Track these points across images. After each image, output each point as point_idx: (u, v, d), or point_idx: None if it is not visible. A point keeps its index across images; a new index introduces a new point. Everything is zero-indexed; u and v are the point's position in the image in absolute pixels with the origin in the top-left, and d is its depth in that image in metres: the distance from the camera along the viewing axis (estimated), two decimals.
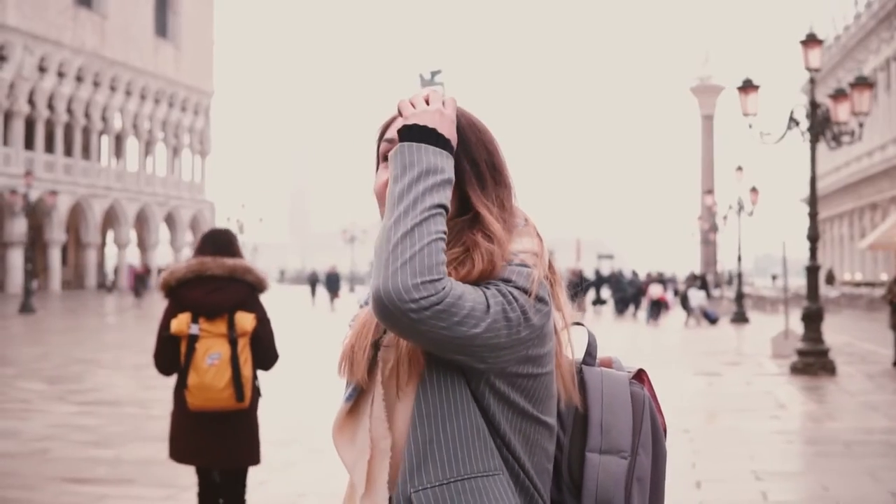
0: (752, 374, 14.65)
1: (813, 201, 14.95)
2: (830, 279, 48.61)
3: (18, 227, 48.22)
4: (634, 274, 36.76)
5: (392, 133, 1.62)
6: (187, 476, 7.06)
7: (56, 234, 51.79)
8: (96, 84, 56.62)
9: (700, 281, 36.25)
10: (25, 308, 30.81)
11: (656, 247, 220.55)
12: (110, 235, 61.38)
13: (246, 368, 4.31)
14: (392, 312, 1.39)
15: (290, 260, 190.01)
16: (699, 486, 6.82)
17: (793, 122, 14.93)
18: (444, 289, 1.40)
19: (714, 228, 50.19)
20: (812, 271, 15.03)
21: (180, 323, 4.30)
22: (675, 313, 32.35)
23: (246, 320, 4.37)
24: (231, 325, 4.35)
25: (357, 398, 1.59)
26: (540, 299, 1.52)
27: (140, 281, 35.40)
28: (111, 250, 62.56)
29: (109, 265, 63.68)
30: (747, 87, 15.07)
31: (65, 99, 53.90)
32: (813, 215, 14.91)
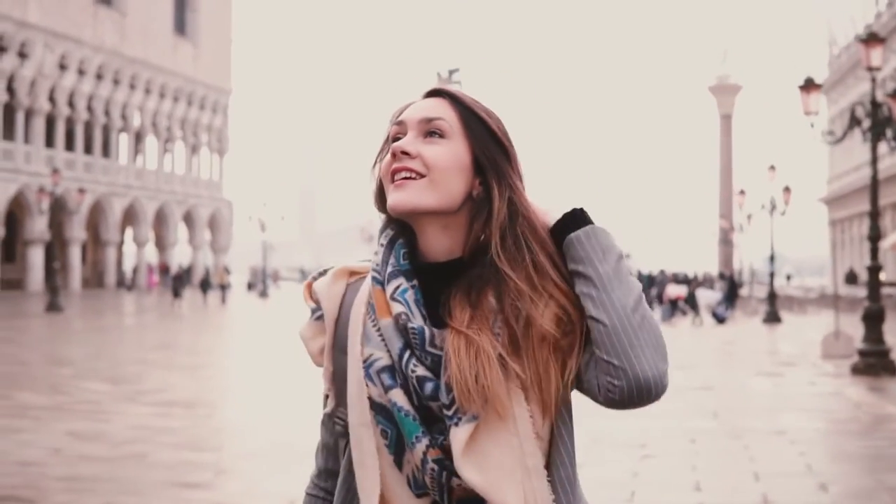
0: (812, 374, 14.49)
1: (874, 201, 14.82)
2: (852, 279, 48.41)
3: (39, 224, 48.25)
4: (662, 273, 36.76)
5: (406, 115, 1.53)
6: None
7: (76, 231, 51.79)
8: (116, 82, 56.65)
9: (728, 281, 36.22)
10: (52, 307, 30.70)
11: (671, 246, 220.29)
12: (128, 234, 61.40)
13: None
14: (651, 398, 1.41)
15: (300, 258, 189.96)
16: (825, 488, 6.69)
17: (854, 121, 14.79)
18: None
19: (734, 228, 50.14)
20: (873, 271, 14.89)
21: None
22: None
23: None
24: None
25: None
26: None
27: (179, 281, 35.34)
28: (129, 248, 62.60)
29: (126, 263, 63.71)
30: (809, 85, 14.93)
31: (85, 97, 53.93)
32: (874, 215, 14.78)
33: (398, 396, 1.44)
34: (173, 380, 13.31)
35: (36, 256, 49.24)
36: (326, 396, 1.56)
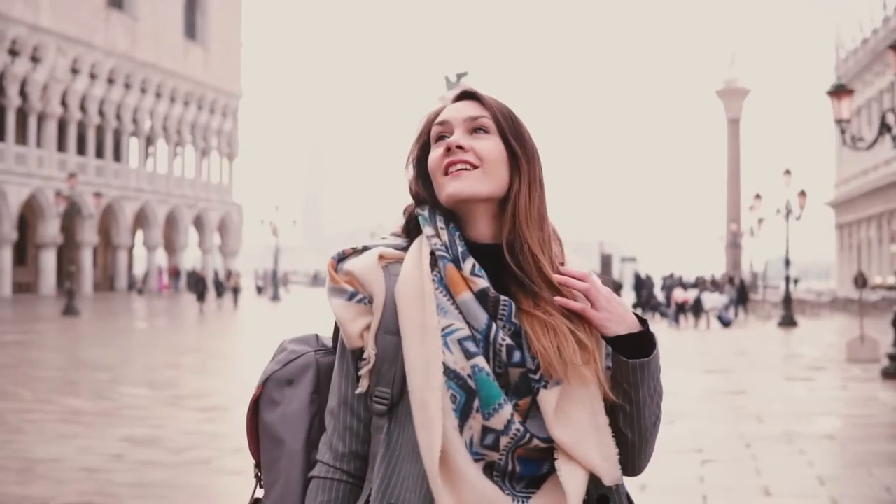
0: (842, 378, 14.56)
1: None
2: (862, 282, 48.42)
3: (51, 228, 48.36)
4: (671, 277, 36.75)
5: (448, 115, 1.68)
6: None
7: (88, 235, 51.83)
8: (127, 86, 56.72)
9: (740, 284, 36.30)
10: (69, 310, 30.76)
11: (677, 249, 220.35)
12: (139, 237, 61.44)
13: None
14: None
15: (306, 263, 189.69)
16: (891, 491, 6.76)
17: (885, 127, 14.86)
18: None
19: (743, 232, 50.18)
20: None
21: None
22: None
23: None
24: None
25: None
26: None
27: (202, 284, 35.48)
28: (139, 252, 62.62)
29: (137, 267, 63.74)
30: (840, 91, 14.99)
31: (96, 101, 53.98)
32: None
33: (483, 363, 1.54)
34: (210, 384, 13.40)
35: (48, 260, 49.30)
36: (358, 378, 1.62)
